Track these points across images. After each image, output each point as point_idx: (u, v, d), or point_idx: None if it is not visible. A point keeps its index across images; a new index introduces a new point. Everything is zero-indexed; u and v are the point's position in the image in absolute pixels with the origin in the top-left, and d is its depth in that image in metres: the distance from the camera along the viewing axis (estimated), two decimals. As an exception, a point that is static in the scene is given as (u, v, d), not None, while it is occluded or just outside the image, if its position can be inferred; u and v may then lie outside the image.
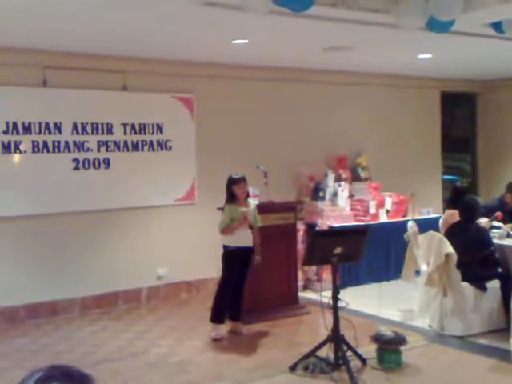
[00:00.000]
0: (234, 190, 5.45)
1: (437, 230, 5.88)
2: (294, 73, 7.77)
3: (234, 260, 5.44)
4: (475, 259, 5.29)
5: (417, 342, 5.08)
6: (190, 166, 7.15)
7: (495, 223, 5.89)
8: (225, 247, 5.47)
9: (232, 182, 5.47)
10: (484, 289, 5.28)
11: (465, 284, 5.25)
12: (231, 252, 5.42)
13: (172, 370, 4.71)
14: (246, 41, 5.95)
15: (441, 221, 6.27)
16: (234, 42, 5.96)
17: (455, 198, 6.16)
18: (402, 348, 4.64)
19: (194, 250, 7.03)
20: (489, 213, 6.17)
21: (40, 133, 6.17)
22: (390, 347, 4.59)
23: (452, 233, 5.49)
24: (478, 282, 5.27)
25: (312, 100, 8.10)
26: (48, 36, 5.52)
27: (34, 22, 5.01)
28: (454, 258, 5.18)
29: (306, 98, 8.05)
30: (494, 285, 5.34)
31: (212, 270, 6.61)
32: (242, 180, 5.47)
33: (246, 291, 5.87)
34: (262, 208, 6.11)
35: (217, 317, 5.48)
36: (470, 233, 5.40)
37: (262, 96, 7.70)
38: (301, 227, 7.25)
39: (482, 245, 5.36)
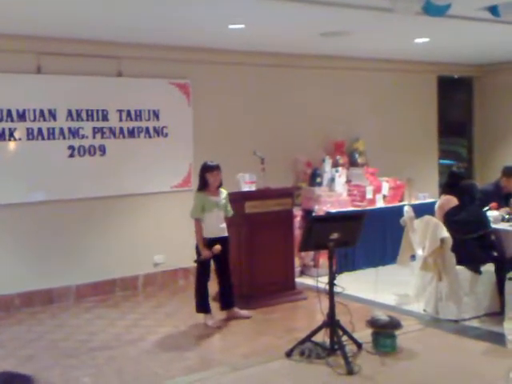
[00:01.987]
0: (207, 178, 5.39)
1: (433, 214, 5.89)
2: (291, 58, 7.72)
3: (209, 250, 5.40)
4: (472, 237, 5.31)
5: (412, 327, 5.13)
6: (187, 152, 7.12)
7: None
8: None
9: (206, 169, 5.40)
10: (479, 272, 5.30)
11: (460, 268, 5.27)
12: (206, 244, 5.39)
13: (169, 357, 4.72)
14: (243, 26, 5.90)
15: (436, 206, 6.26)
16: (230, 26, 5.91)
17: (451, 182, 6.15)
18: (397, 332, 4.67)
19: (191, 236, 7.00)
20: (485, 197, 6.18)
21: (35, 120, 6.13)
22: (385, 331, 4.62)
23: (451, 216, 5.49)
24: (473, 265, 5.29)
25: (309, 85, 8.06)
26: (42, 22, 5.47)
27: (27, 8, 4.95)
28: (450, 242, 5.20)
29: (303, 83, 8.01)
30: (488, 268, 5.37)
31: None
32: (216, 168, 5.39)
33: (243, 277, 5.90)
34: (259, 194, 6.13)
35: (201, 307, 5.47)
36: (470, 211, 5.43)
37: (260, 82, 7.66)
38: (298, 213, 7.26)
39: (481, 223, 5.40)
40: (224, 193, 5.54)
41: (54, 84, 6.25)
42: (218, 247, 5.36)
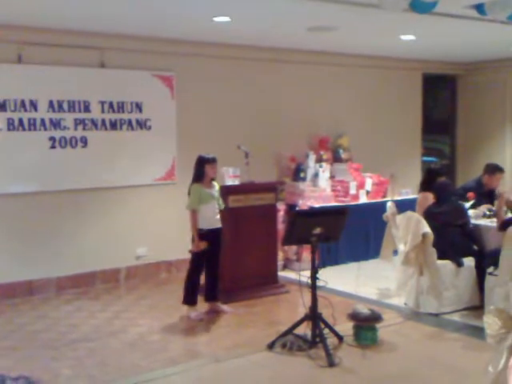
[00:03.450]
0: (206, 170, 5.40)
1: (415, 210, 5.93)
2: (277, 53, 7.71)
3: (206, 242, 5.42)
4: (454, 226, 5.40)
5: (393, 320, 5.17)
6: (171, 145, 7.09)
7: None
8: (197, 230, 5.42)
9: (205, 162, 5.42)
10: (460, 264, 5.36)
11: (441, 262, 5.32)
12: (203, 235, 5.39)
13: (151, 349, 4.71)
14: (228, 18, 5.88)
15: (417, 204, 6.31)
16: (215, 19, 5.88)
17: (429, 179, 6.19)
18: (378, 325, 4.71)
19: (174, 229, 7.01)
20: (466, 194, 6.24)
21: (15, 110, 6.05)
22: (366, 324, 4.65)
23: (433, 209, 5.56)
24: (456, 256, 5.35)
25: (294, 80, 8.06)
26: (24, 11, 5.39)
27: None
28: (431, 237, 5.24)
29: (288, 78, 8.01)
30: (469, 263, 5.43)
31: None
32: (215, 160, 5.45)
33: (226, 271, 5.89)
34: (242, 188, 6.12)
35: (189, 299, 5.47)
36: (449, 204, 5.54)
37: (244, 75, 7.64)
38: (281, 208, 7.27)
39: (461, 213, 5.52)
40: (216, 185, 5.58)
41: (36, 74, 6.17)
42: (204, 244, 5.36)
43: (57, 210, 6.40)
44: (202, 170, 5.42)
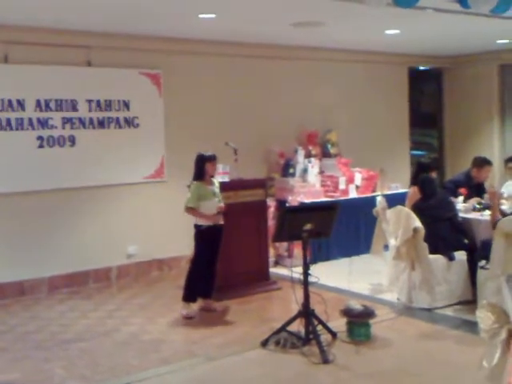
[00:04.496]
0: (206, 168, 5.41)
1: (405, 204, 5.95)
2: (263, 49, 7.69)
3: (207, 239, 5.42)
4: (443, 221, 5.43)
5: (386, 315, 5.19)
6: (159, 143, 7.06)
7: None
8: (197, 226, 5.43)
9: (206, 159, 5.43)
10: (452, 258, 5.39)
11: (432, 257, 5.35)
12: (204, 231, 5.39)
13: (144, 349, 4.69)
14: (214, 15, 5.85)
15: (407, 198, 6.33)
16: (200, 16, 5.86)
17: (418, 173, 6.22)
18: (371, 321, 4.72)
19: (165, 227, 6.99)
20: (455, 187, 6.27)
21: (2, 110, 6.01)
22: (359, 320, 4.66)
23: (421, 205, 5.59)
24: (447, 251, 5.38)
25: (282, 76, 8.05)
26: (9, 10, 5.32)
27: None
28: (422, 231, 5.26)
29: (275, 74, 8.00)
30: (461, 257, 5.46)
31: (184, 247, 6.59)
32: (215, 158, 5.47)
33: (218, 268, 5.87)
34: (232, 185, 6.10)
35: (189, 296, 5.47)
36: (437, 198, 5.58)
37: (232, 72, 7.61)
38: (272, 204, 7.27)
39: (448, 204, 5.57)
40: (216, 182, 5.57)
41: (22, 74, 6.12)
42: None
43: (47, 210, 6.34)
44: (203, 167, 5.42)
